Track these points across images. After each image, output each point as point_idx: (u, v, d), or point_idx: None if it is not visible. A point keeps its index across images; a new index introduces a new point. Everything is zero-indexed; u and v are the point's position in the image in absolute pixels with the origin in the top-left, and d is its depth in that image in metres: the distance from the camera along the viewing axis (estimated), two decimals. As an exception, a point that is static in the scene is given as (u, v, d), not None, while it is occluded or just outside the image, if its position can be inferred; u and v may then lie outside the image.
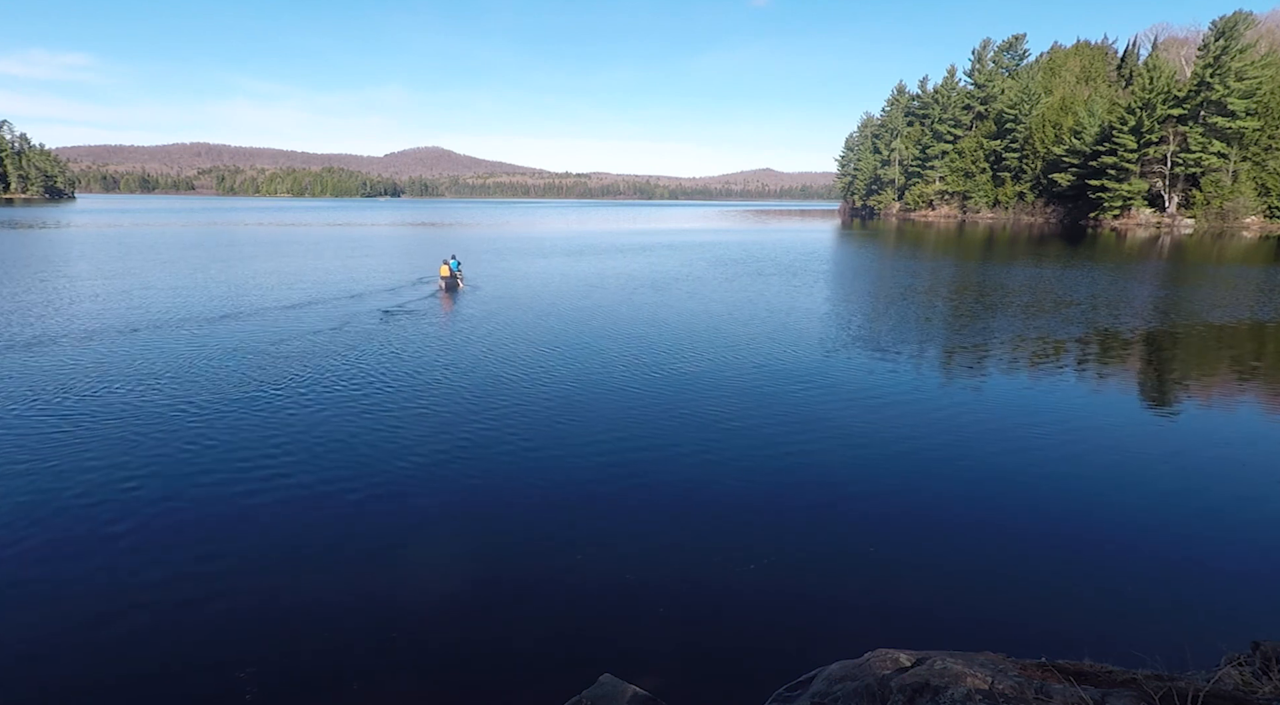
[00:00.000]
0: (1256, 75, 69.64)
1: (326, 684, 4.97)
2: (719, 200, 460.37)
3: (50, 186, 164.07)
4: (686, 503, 7.94)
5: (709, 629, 5.65)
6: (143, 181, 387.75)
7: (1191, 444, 10.24)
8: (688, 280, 28.49)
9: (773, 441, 9.91)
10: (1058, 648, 4.12)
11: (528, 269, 32.92)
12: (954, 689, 3.04)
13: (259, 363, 13.85)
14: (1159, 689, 2.89)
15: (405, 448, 9.41)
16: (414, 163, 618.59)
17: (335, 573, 6.39)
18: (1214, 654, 3.68)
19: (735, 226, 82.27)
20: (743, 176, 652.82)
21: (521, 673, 5.11)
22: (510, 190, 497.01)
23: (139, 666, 5.13)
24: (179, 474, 8.45)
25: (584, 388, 12.48)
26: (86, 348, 14.98)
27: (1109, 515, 7.77)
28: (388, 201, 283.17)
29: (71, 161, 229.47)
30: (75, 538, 6.92)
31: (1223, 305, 22.99)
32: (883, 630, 5.48)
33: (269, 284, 25.95)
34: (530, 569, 6.50)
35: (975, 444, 9.98)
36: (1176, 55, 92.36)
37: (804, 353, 15.46)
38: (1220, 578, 6.60)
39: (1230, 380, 13.97)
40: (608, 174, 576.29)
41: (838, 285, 28.15)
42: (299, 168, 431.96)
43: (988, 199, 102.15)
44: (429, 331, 17.43)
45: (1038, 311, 21.51)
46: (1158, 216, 77.99)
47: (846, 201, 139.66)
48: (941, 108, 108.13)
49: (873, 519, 7.62)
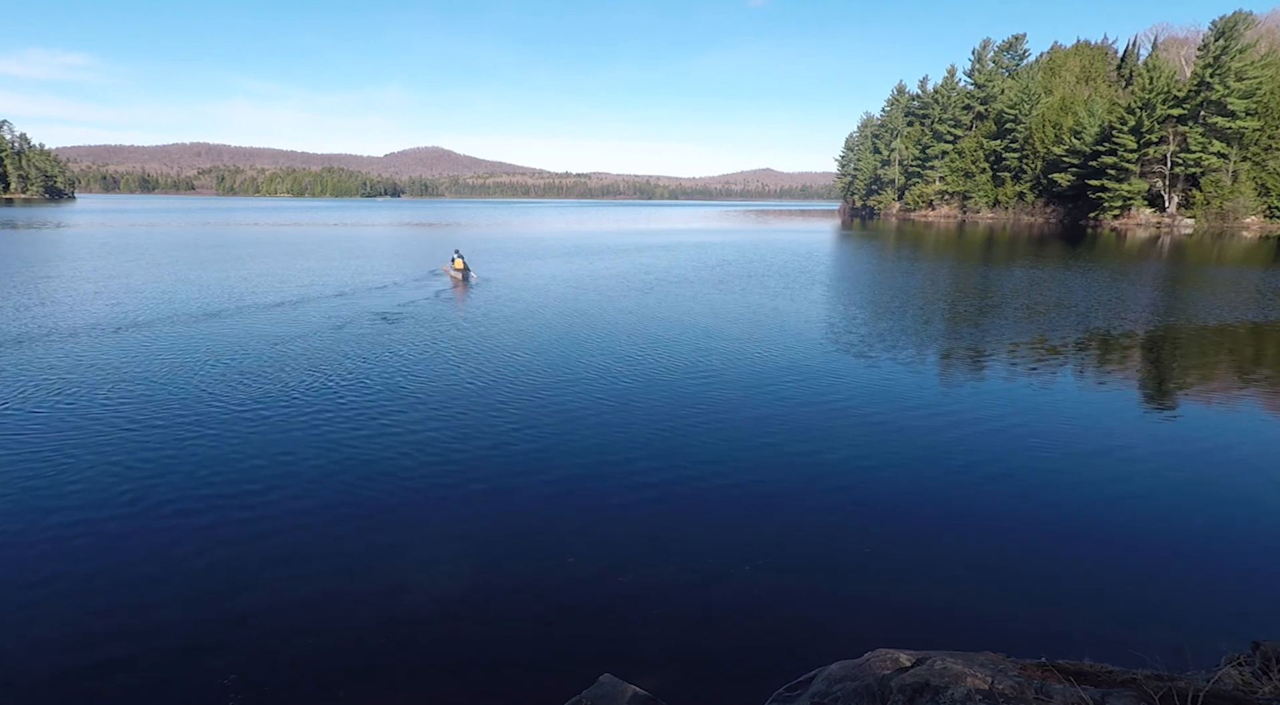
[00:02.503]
0: (1256, 75, 69.65)
1: (327, 684, 4.97)
2: (719, 200, 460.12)
3: (50, 186, 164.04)
4: (687, 503, 7.94)
5: (709, 629, 5.64)
6: (143, 181, 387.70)
7: (1191, 444, 10.24)
8: (688, 282, 28.49)
9: (772, 441, 9.91)
10: (1058, 648, 4.12)
11: (528, 270, 32.92)
12: (954, 689, 3.04)
13: (258, 361, 13.84)
14: (1159, 689, 2.89)
15: (405, 447, 9.41)
16: (414, 163, 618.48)
17: (335, 573, 6.38)
18: (1214, 654, 3.68)
19: (735, 227, 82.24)
20: (743, 176, 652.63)
21: (521, 673, 5.11)
22: (510, 190, 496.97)
23: (138, 666, 5.13)
24: (178, 473, 8.45)
25: (584, 388, 12.48)
26: (102, 343, 15.01)
27: (1109, 515, 7.77)
28: (388, 201, 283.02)
29: (71, 161, 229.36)
30: (75, 538, 6.91)
31: (1223, 307, 22.99)
32: (883, 630, 5.48)
33: (270, 282, 25.91)
34: (530, 569, 6.50)
35: (975, 444, 9.98)
36: (1176, 55, 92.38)
37: (803, 354, 15.46)
38: (1220, 578, 6.60)
39: (1230, 381, 13.97)
40: (608, 174, 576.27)
41: (837, 287, 28.16)
42: (299, 168, 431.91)
43: (988, 199, 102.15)
44: (429, 332, 17.43)
45: (1037, 313, 21.52)
46: (1158, 216, 77.98)
47: (846, 201, 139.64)
48: (941, 108, 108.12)
49: (873, 519, 7.62)
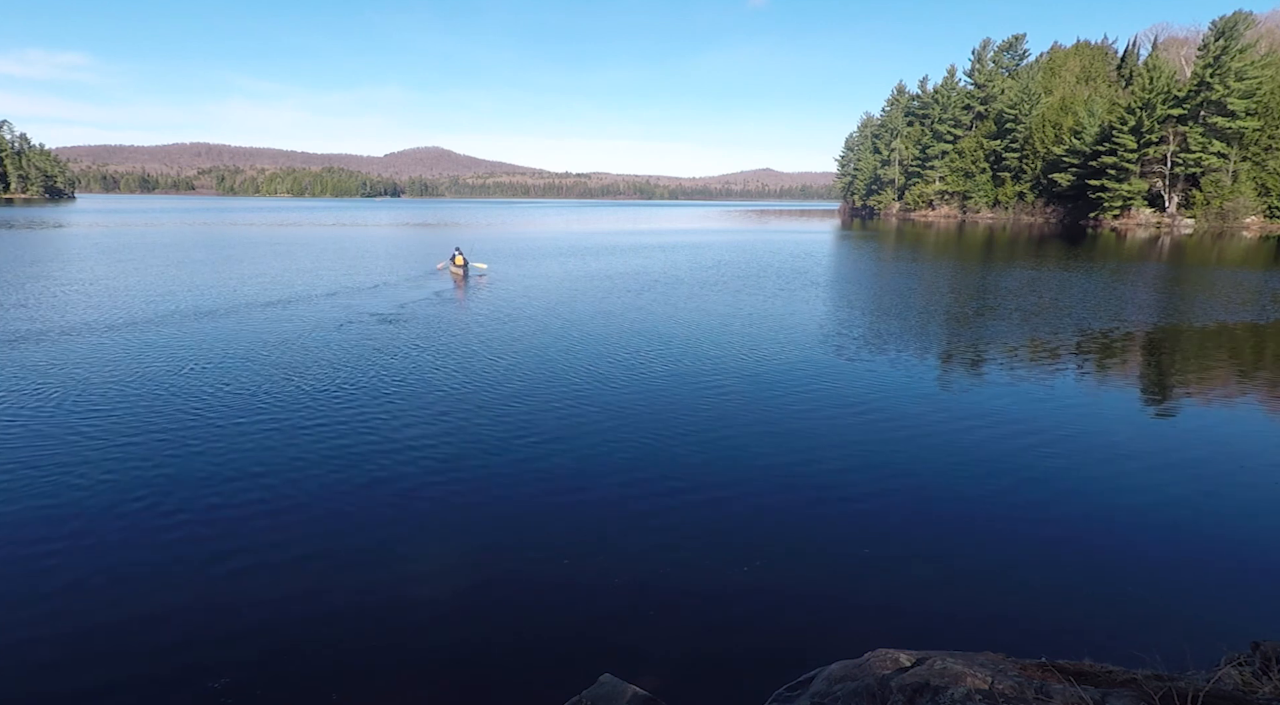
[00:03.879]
0: (1256, 75, 69.61)
1: (327, 684, 4.97)
2: (719, 200, 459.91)
3: (50, 186, 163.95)
4: (686, 502, 7.93)
5: (709, 629, 5.64)
6: (143, 181, 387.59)
7: (1191, 444, 10.24)
8: (687, 283, 28.48)
9: (773, 441, 9.91)
10: (1058, 648, 4.12)
11: (529, 270, 32.91)
12: (954, 689, 3.04)
13: (255, 361, 13.82)
14: (1159, 689, 2.89)
15: (404, 447, 9.40)
16: (414, 163, 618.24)
17: (335, 572, 6.38)
18: (1214, 654, 3.68)
19: (735, 227, 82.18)
20: (743, 176, 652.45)
21: (521, 673, 5.11)
22: (510, 190, 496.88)
23: (137, 667, 5.13)
24: (176, 473, 8.44)
25: (584, 388, 12.48)
26: (108, 340, 15.02)
27: (1109, 515, 7.77)
28: (388, 202, 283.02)
29: (71, 161, 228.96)
30: (73, 538, 6.91)
31: (1222, 308, 23.00)
32: (883, 630, 5.47)
33: (269, 282, 25.90)
34: (530, 568, 6.49)
35: (975, 444, 9.98)
36: (1176, 55, 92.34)
37: (804, 354, 15.46)
38: (1220, 578, 6.60)
39: (1230, 381, 13.97)
40: (608, 174, 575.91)
41: (837, 288, 28.16)
42: (299, 168, 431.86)
43: (988, 199, 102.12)
44: (428, 333, 17.42)
45: (1037, 315, 21.52)
46: (1158, 216, 77.96)
47: (846, 201, 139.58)
48: (941, 108, 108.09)
49: (873, 519, 7.62)
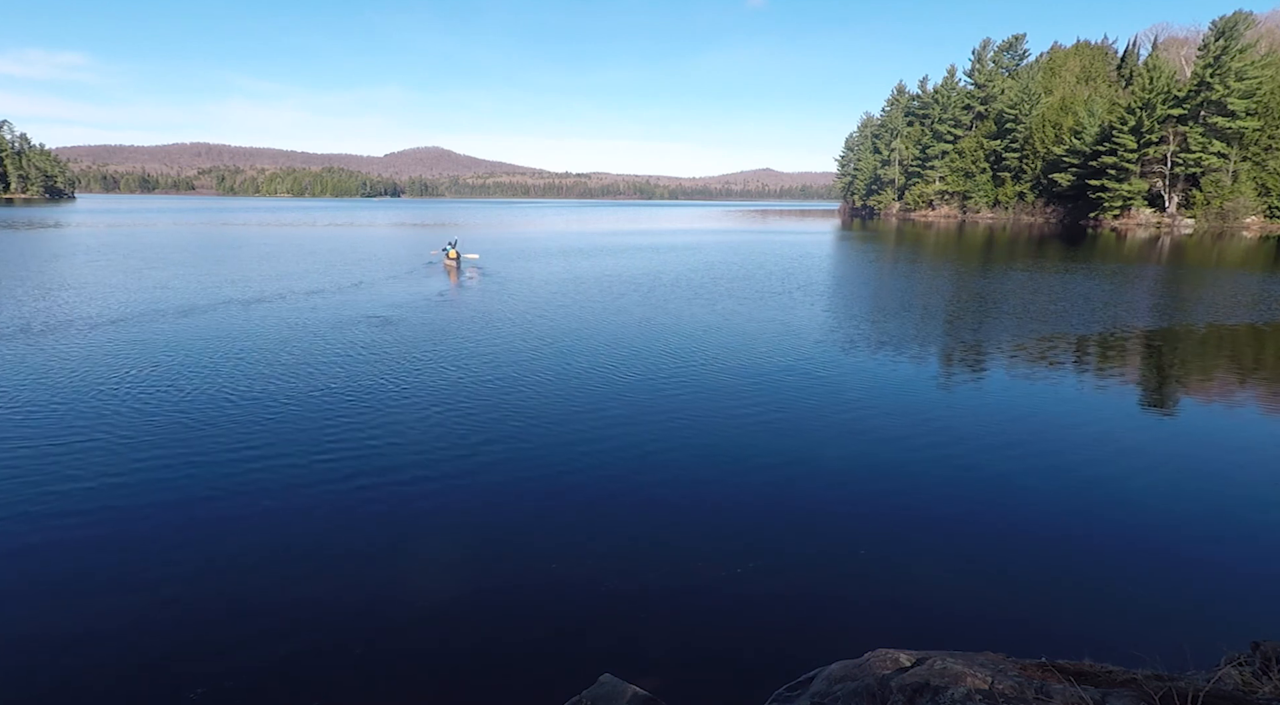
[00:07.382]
0: (1256, 75, 69.62)
1: (327, 684, 4.97)
2: (719, 200, 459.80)
3: (50, 186, 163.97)
4: (687, 503, 7.94)
5: (709, 629, 5.64)
6: (143, 181, 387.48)
7: (1191, 444, 10.25)
8: (686, 284, 28.47)
9: (773, 442, 9.92)
10: (1058, 648, 4.12)
11: (529, 270, 32.90)
12: (954, 689, 3.04)
13: (253, 360, 13.83)
14: (1159, 689, 2.89)
15: (403, 447, 9.41)
16: (414, 163, 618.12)
17: (335, 573, 6.38)
18: (1214, 654, 3.68)
19: (735, 227, 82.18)
20: (743, 176, 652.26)
21: (521, 673, 5.11)
22: (510, 190, 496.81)
23: (136, 667, 5.13)
24: (174, 473, 8.45)
25: (584, 389, 12.48)
26: (110, 334, 15.01)
27: (1109, 515, 7.77)
28: (388, 202, 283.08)
29: (71, 161, 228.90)
30: (71, 539, 6.92)
31: (1221, 308, 23.00)
32: (883, 630, 5.48)
33: (267, 282, 25.90)
34: (530, 569, 6.50)
35: (975, 445, 9.98)
36: (1176, 55, 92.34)
37: (804, 354, 15.46)
38: (1220, 578, 6.60)
39: (1230, 382, 13.97)
40: (607, 174, 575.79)
41: (837, 288, 28.17)
42: (299, 168, 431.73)
43: (988, 199, 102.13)
44: (428, 333, 17.42)
45: (1037, 316, 21.52)
46: (1158, 216, 77.96)
47: (846, 201, 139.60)
48: (941, 108, 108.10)
49: (873, 519, 7.62)
